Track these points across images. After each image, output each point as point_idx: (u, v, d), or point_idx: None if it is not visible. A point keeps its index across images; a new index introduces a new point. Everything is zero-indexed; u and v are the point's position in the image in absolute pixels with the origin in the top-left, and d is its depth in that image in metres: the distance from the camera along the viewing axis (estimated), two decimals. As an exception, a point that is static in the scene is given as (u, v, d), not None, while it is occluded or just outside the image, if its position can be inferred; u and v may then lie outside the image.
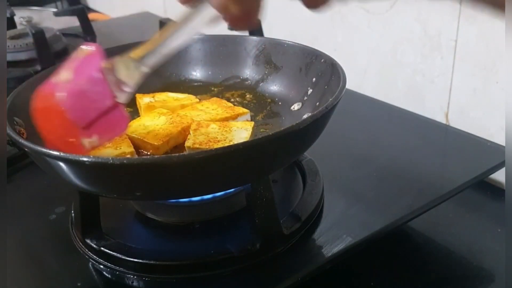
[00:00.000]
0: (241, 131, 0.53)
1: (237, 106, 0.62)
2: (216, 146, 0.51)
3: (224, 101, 0.61)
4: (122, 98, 0.42)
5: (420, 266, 0.52)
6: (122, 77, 0.42)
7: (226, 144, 0.50)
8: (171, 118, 0.57)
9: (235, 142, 0.50)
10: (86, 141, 0.43)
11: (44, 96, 0.44)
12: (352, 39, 0.81)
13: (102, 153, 0.50)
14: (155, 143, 0.53)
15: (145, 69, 0.41)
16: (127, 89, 0.42)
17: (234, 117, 0.58)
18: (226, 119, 0.57)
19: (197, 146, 0.51)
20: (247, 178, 0.44)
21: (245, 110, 0.59)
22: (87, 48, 0.43)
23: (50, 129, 0.44)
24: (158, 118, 0.57)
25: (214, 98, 0.62)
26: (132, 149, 0.52)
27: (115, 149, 0.52)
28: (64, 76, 0.42)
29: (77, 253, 0.49)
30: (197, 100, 0.63)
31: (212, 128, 0.54)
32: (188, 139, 0.53)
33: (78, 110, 0.42)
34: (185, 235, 0.50)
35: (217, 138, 0.52)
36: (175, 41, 0.39)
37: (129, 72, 0.42)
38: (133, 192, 0.43)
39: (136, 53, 0.41)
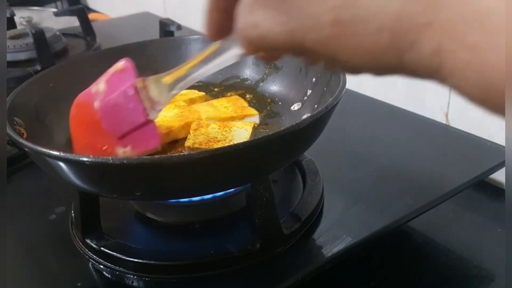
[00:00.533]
0: (241, 131, 0.53)
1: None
2: (216, 146, 0.51)
3: (241, 100, 0.61)
4: (153, 115, 0.44)
5: (420, 266, 0.52)
6: (153, 96, 0.44)
7: (226, 144, 0.50)
8: (181, 112, 0.58)
9: (235, 142, 0.50)
10: (120, 151, 0.46)
11: (81, 104, 0.47)
12: (352, 39, 0.81)
13: None
14: None
15: (174, 92, 0.43)
16: (158, 108, 0.44)
17: (241, 118, 0.58)
18: (232, 118, 0.57)
19: (197, 146, 0.51)
20: (247, 178, 0.44)
21: (253, 111, 0.59)
22: (121, 64, 0.46)
23: (84, 135, 0.48)
24: (172, 110, 0.58)
25: (234, 96, 0.63)
26: None
27: None
28: (102, 87, 0.46)
29: (77, 253, 0.49)
30: (202, 93, 0.64)
31: (212, 128, 0.54)
32: (188, 139, 0.53)
33: (111, 122, 0.45)
34: (185, 235, 0.50)
35: (217, 138, 0.52)
36: (203, 71, 0.40)
37: (160, 93, 0.44)
38: (133, 192, 0.43)
39: (167, 77, 0.43)
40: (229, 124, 0.55)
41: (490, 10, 0.22)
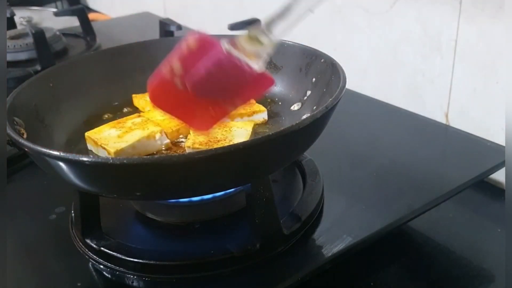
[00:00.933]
0: (241, 131, 0.53)
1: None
2: (216, 146, 0.51)
3: None
4: (258, 66, 0.42)
5: (420, 266, 0.52)
6: (250, 51, 0.41)
7: (226, 144, 0.50)
8: None
9: (235, 142, 0.50)
10: (233, 109, 0.44)
11: (161, 93, 0.44)
12: (352, 39, 0.81)
13: (132, 133, 0.53)
14: (165, 131, 0.55)
15: (274, 36, 0.41)
16: (261, 58, 0.42)
17: (250, 114, 0.59)
18: (241, 115, 0.58)
19: (197, 146, 0.51)
20: (247, 178, 0.44)
21: (262, 108, 0.60)
22: (194, 38, 0.43)
23: (192, 117, 0.45)
24: None
25: None
26: (159, 128, 0.54)
27: (143, 130, 0.54)
28: (178, 67, 0.43)
29: (77, 253, 0.49)
30: None
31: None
32: (188, 139, 0.53)
33: (216, 91, 0.43)
34: (185, 235, 0.50)
35: (217, 138, 0.52)
36: (303, 4, 0.38)
37: (257, 44, 0.41)
38: (133, 192, 0.43)
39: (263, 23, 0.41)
40: (229, 124, 0.55)
41: None
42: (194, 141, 0.52)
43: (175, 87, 0.42)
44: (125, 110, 0.63)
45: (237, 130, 0.54)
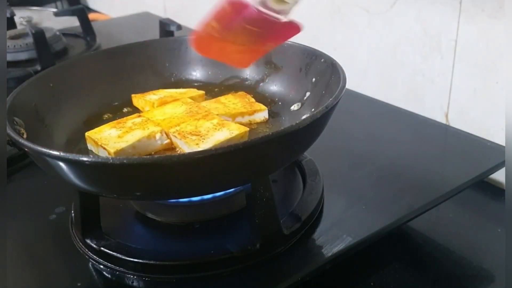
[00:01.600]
0: (224, 133, 0.53)
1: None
2: (190, 141, 0.51)
3: (248, 96, 0.62)
4: (286, 17, 0.47)
5: (420, 266, 0.52)
6: (277, 8, 0.46)
7: (201, 141, 0.51)
8: (190, 108, 0.58)
9: (211, 142, 0.51)
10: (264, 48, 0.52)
11: (205, 42, 0.51)
12: (352, 39, 0.81)
13: (132, 133, 0.54)
14: (165, 130, 0.54)
15: None
16: (287, 12, 0.47)
17: (251, 113, 0.59)
18: (242, 114, 0.58)
19: (174, 133, 0.53)
20: (247, 178, 0.44)
21: (262, 107, 0.60)
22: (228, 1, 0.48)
23: (232, 58, 0.54)
24: (180, 107, 0.59)
25: (240, 92, 0.63)
26: (160, 127, 0.54)
27: (143, 130, 0.54)
28: (216, 24, 0.49)
29: (77, 253, 0.49)
30: (202, 92, 0.64)
31: (211, 122, 0.54)
32: (178, 124, 0.53)
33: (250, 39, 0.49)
34: (185, 235, 0.50)
35: (200, 132, 0.52)
36: None
37: (283, 3, 0.46)
38: (133, 192, 0.43)
39: None
40: (225, 123, 0.55)
41: None
42: (180, 128, 0.53)
43: (215, 38, 0.49)
44: (125, 110, 0.63)
45: (224, 131, 0.53)
